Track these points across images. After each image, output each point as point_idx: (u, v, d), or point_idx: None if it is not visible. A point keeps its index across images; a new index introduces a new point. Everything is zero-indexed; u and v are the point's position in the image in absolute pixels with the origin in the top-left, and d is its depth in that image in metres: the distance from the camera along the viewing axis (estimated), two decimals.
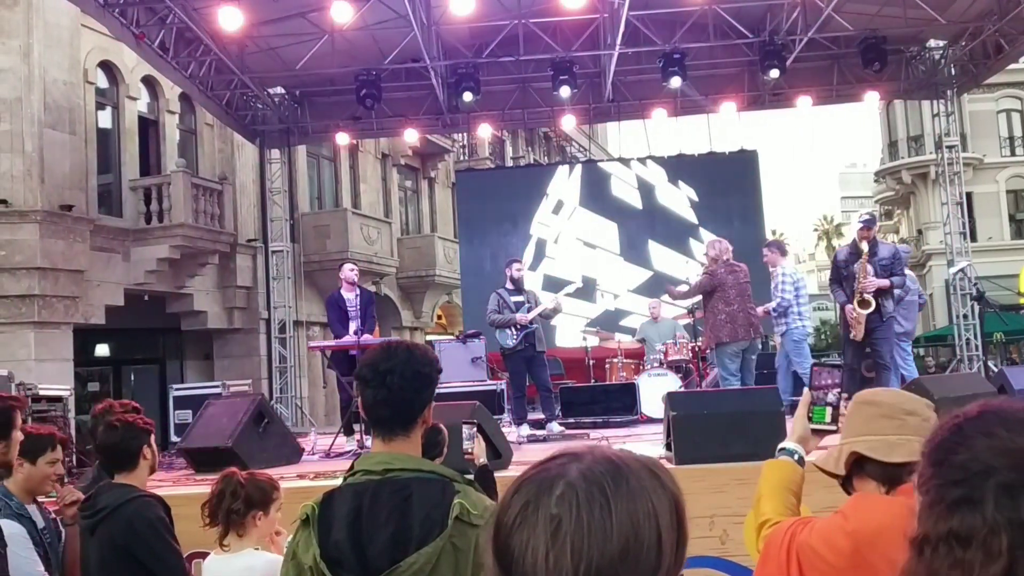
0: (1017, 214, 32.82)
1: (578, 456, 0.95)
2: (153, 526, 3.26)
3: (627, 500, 0.91)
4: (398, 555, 1.85)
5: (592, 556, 0.87)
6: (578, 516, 0.89)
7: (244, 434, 6.50)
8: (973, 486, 0.97)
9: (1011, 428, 1.00)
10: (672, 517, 0.94)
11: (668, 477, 0.97)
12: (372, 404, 2.02)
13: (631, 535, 0.89)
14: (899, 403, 1.86)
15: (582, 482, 0.91)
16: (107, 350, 17.10)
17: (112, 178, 15.24)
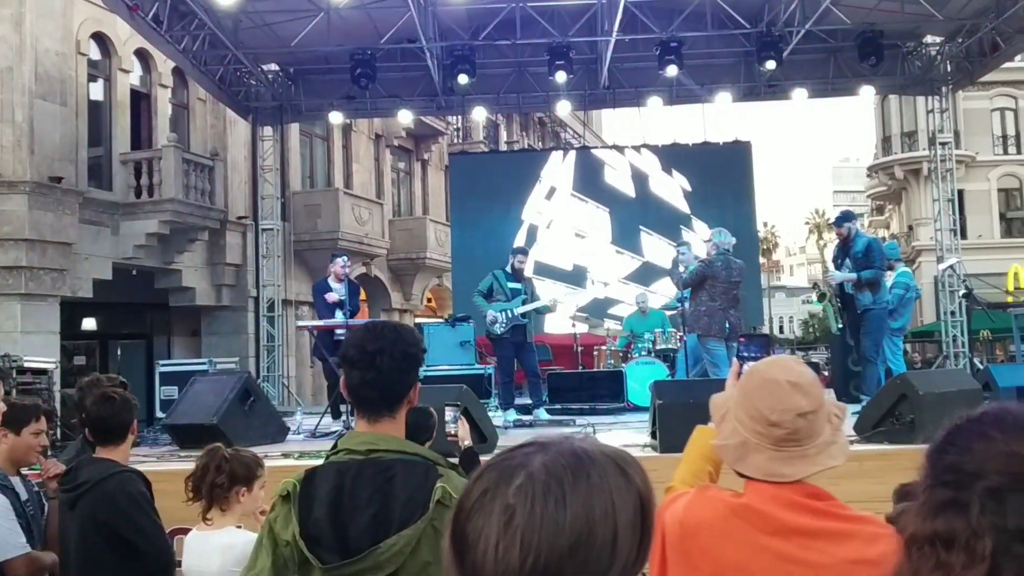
0: (1008, 213, 32.95)
1: (545, 447, 0.94)
2: (135, 500, 3.25)
3: (584, 495, 0.89)
4: (379, 536, 1.83)
5: (541, 549, 0.86)
6: (531, 508, 0.88)
7: (229, 412, 6.50)
8: (961, 488, 0.96)
9: (1007, 431, 0.98)
10: (636, 515, 0.92)
11: (638, 473, 0.95)
12: (359, 385, 1.99)
13: (584, 531, 0.88)
14: (776, 405, 1.70)
15: (543, 474, 0.90)
16: (94, 324, 17.01)
17: (102, 151, 15.14)
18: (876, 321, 8.39)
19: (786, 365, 1.78)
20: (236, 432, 6.46)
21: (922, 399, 5.48)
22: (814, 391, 1.72)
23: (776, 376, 1.73)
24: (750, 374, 1.80)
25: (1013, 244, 31.44)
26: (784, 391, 1.70)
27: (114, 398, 3.40)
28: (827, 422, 1.74)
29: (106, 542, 3.23)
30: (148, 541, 3.25)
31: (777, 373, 1.74)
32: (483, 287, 9.14)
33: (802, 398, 1.69)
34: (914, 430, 5.41)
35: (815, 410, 1.71)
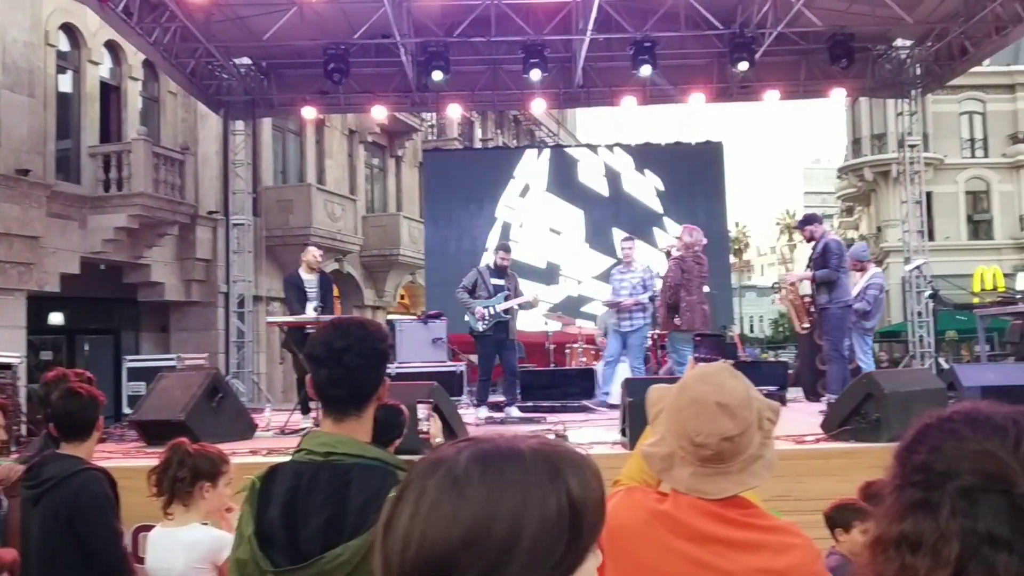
0: (975, 215, 33.43)
1: (479, 442, 0.93)
2: (98, 501, 3.21)
3: (489, 491, 0.87)
4: (330, 542, 1.79)
5: (437, 540, 0.86)
6: (435, 500, 0.88)
7: (197, 408, 6.44)
8: (932, 488, 0.93)
9: (979, 430, 0.95)
10: (560, 518, 0.88)
11: (577, 475, 0.92)
12: (326, 383, 1.94)
13: (482, 527, 0.86)
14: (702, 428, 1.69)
15: (459, 467, 0.89)
16: (61, 319, 16.81)
17: (71, 144, 14.95)
18: (832, 320, 8.49)
19: (717, 383, 1.75)
20: (203, 429, 6.41)
21: (887, 398, 5.54)
22: (742, 413, 1.72)
23: (706, 396, 1.72)
24: (681, 389, 1.79)
25: (979, 246, 31.92)
26: (710, 413, 1.70)
27: (80, 394, 3.36)
28: (758, 430, 1.74)
29: (68, 540, 3.19)
30: (103, 546, 3.21)
31: (707, 392, 1.73)
32: (467, 283, 9.21)
33: (728, 421, 1.69)
34: (879, 428, 5.47)
35: (742, 432, 1.71)
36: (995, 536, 0.88)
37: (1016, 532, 0.88)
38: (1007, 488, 0.90)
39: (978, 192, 33.50)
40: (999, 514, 0.89)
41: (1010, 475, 0.90)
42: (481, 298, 8.99)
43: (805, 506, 5.10)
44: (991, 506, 0.89)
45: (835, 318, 8.46)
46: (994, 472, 0.91)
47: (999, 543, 0.88)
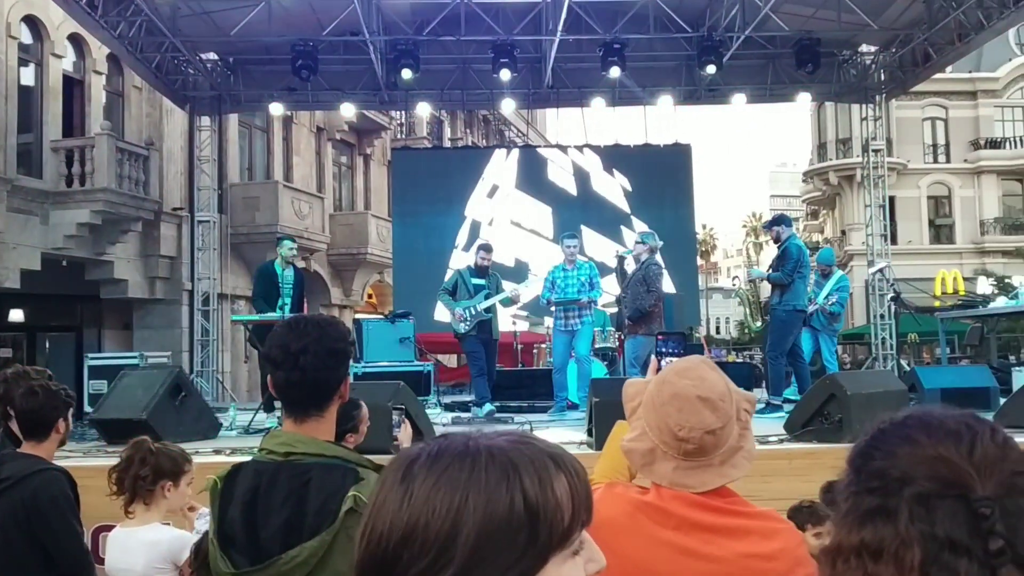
0: (937, 219, 33.99)
1: (446, 439, 0.93)
2: (56, 503, 3.15)
3: (432, 486, 0.86)
4: (291, 542, 1.77)
5: (380, 534, 0.86)
6: (385, 495, 0.88)
7: (160, 407, 6.37)
8: (888, 495, 0.92)
9: (933, 435, 0.94)
10: (514, 518, 0.86)
11: (535, 478, 0.88)
12: (284, 386, 1.91)
13: (420, 523, 0.85)
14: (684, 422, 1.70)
15: (414, 464, 0.89)
16: (21, 316, 16.54)
17: (32, 138, 14.71)
18: (776, 322, 8.64)
19: (698, 376, 1.76)
20: (166, 428, 6.34)
21: (850, 399, 5.61)
22: (723, 406, 1.73)
23: (687, 390, 1.73)
24: (661, 384, 1.79)
25: (941, 250, 32.47)
26: (693, 408, 1.71)
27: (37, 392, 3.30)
28: (736, 421, 1.76)
29: (27, 541, 3.14)
30: (60, 548, 3.15)
31: (687, 387, 1.73)
32: (448, 284, 9.28)
33: (711, 414, 1.70)
34: (842, 429, 5.54)
35: (723, 425, 1.72)
36: (954, 541, 0.87)
37: (974, 537, 0.87)
38: (963, 493, 0.89)
39: (940, 197, 34.08)
40: (956, 519, 0.88)
41: (965, 480, 0.90)
42: (463, 299, 9.03)
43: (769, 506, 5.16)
44: (948, 511, 0.89)
45: (779, 320, 8.59)
46: (949, 478, 0.91)
47: (958, 548, 0.87)
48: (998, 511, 0.88)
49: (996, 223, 33.26)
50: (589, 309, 9.36)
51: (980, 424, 0.96)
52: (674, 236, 16.41)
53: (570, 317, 9.31)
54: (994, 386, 8.08)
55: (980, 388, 7.95)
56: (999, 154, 33.47)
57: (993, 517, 0.87)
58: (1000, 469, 0.91)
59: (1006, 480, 0.90)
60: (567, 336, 9.35)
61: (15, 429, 3.52)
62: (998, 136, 33.72)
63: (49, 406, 3.30)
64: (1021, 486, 0.90)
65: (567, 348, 9.40)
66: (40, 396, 3.28)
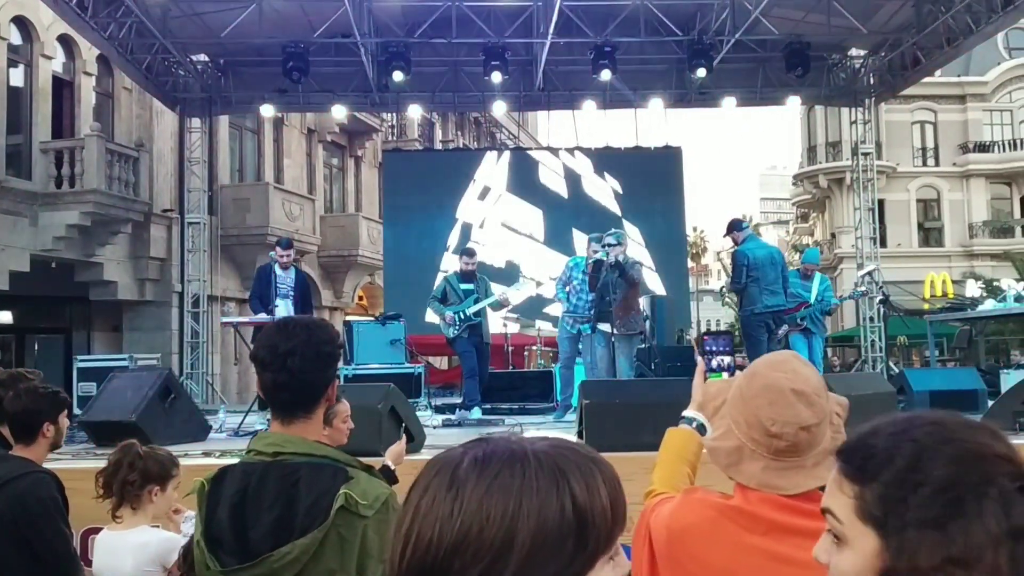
0: (926, 222, 34.15)
1: (487, 442, 0.92)
2: (44, 505, 3.14)
3: (484, 492, 0.86)
4: (281, 541, 1.77)
5: (430, 540, 0.86)
6: (433, 500, 0.87)
7: (149, 409, 6.34)
8: (963, 501, 0.89)
9: (980, 434, 0.95)
10: (563, 522, 0.86)
11: (583, 480, 0.89)
12: (272, 387, 1.92)
13: (473, 528, 0.85)
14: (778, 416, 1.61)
15: (460, 468, 0.89)
16: (10, 317, 16.46)
17: (22, 139, 14.66)
18: (742, 329, 8.76)
19: (791, 369, 1.64)
20: (156, 430, 6.32)
21: None
22: (818, 401, 1.61)
23: (780, 383, 1.61)
24: (751, 376, 1.68)
25: (930, 253, 32.62)
26: (787, 401, 1.59)
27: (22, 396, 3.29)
28: (828, 425, 1.65)
29: (14, 544, 3.13)
30: (49, 550, 3.14)
31: (781, 379, 1.62)
32: (437, 292, 9.36)
33: (806, 409, 1.59)
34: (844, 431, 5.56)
35: (819, 421, 1.60)
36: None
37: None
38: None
39: (929, 200, 34.23)
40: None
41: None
42: (453, 306, 9.07)
43: None
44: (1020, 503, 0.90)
45: (743, 326, 8.74)
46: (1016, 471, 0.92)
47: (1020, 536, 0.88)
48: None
49: (985, 226, 33.44)
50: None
51: (987, 423, 0.99)
52: (665, 238, 16.47)
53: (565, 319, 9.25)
54: (982, 388, 8.11)
55: (968, 390, 7.99)
56: (988, 157, 33.64)
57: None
58: None
59: None
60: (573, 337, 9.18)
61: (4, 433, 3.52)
62: (987, 140, 33.89)
63: (35, 409, 3.29)
64: None
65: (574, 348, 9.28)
66: (25, 400, 3.27)
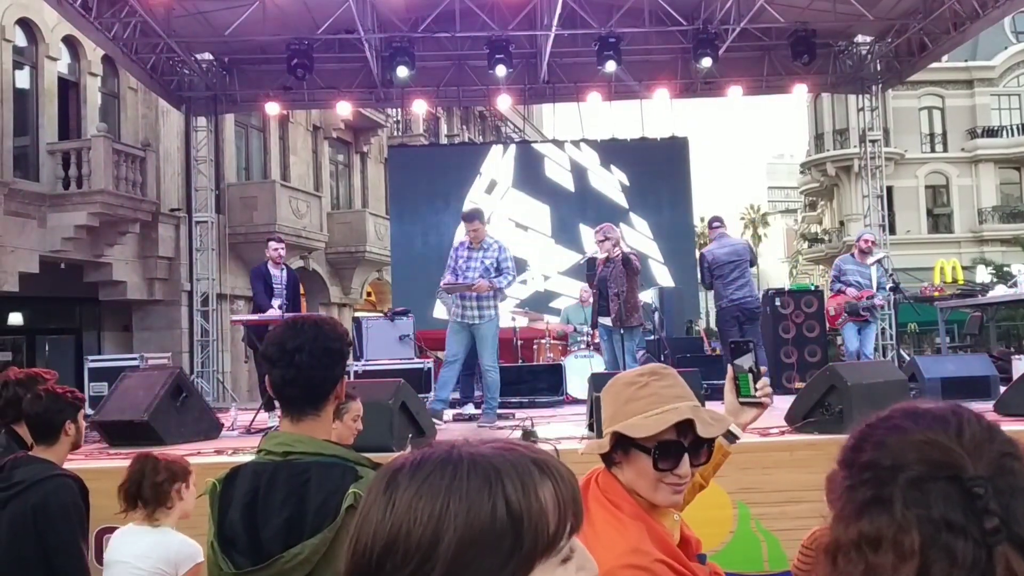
0: (935, 209, 33.99)
1: (432, 446, 0.93)
2: (65, 511, 3.15)
3: (413, 494, 0.87)
4: (292, 541, 1.78)
5: (366, 543, 0.87)
6: (371, 504, 0.89)
7: (161, 408, 6.35)
8: (882, 484, 0.92)
9: (920, 421, 0.96)
10: (495, 526, 0.85)
11: (517, 484, 0.88)
12: (280, 384, 1.93)
13: (402, 530, 0.85)
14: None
15: (399, 472, 0.90)
16: (20, 319, 16.53)
17: (29, 141, 14.69)
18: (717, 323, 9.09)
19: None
20: (167, 429, 6.34)
21: (850, 390, 5.60)
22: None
23: None
24: None
25: (939, 240, 32.48)
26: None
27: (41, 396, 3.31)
28: None
29: (36, 545, 3.14)
30: (60, 559, 3.15)
31: None
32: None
33: None
34: (843, 420, 5.53)
35: None
36: (950, 522, 0.88)
37: (969, 517, 0.88)
38: (956, 474, 0.90)
39: (938, 186, 34.07)
40: (951, 500, 0.89)
41: (957, 461, 0.91)
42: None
43: (772, 497, 5.16)
44: (942, 494, 0.90)
45: (716, 320, 8.98)
46: (941, 460, 0.92)
47: (955, 529, 0.88)
48: (991, 490, 0.89)
49: (994, 211, 33.27)
50: (494, 299, 7.93)
51: (964, 410, 0.98)
52: (672, 229, 16.42)
53: (466, 307, 7.83)
54: (994, 375, 8.07)
55: (980, 377, 7.95)
56: (996, 142, 33.46)
57: (987, 496, 0.88)
58: (989, 450, 0.92)
59: (996, 460, 0.92)
60: (466, 328, 7.93)
61: (21, 432, 3.54)
62: (995, 125, 33.71)
63: (54, 409, 3.30)
64: (1010, 466, 0.91)
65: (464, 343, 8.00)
66: (44, 400, 3.29)
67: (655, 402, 1.78)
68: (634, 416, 1.77)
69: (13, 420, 3.60)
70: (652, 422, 1.74)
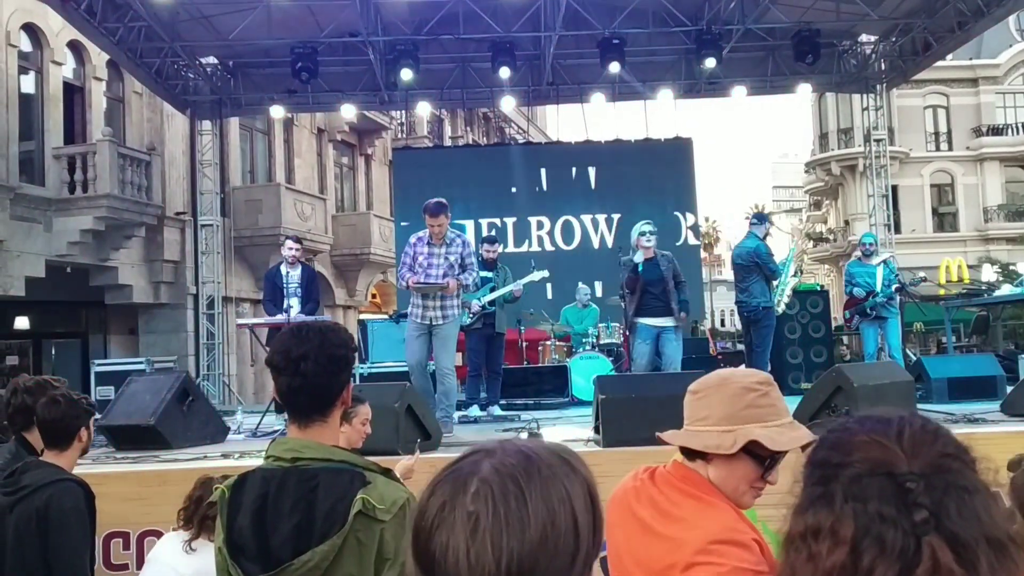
0: (940, 208, 33.90)
1: (490, 452, 0.97)
2: (65, 516, 3.16)
3: (541, 488, 0.93)
4: (301, 547, 1.79)
5: (512, 547, 0.89)
6: (495, 510, 0.90)
7: (167, 412, 6.36)
8: (828, 480, 1.01)
9: (866, 424, 1.05)
10: (586, 500, 0.96)
11: (579, 461, 1.00)
12: (287, 392, 1.94)
13: (548, 522, 0.91)
14: None
15: (495, 476, 0.93)
16: (27, 323, 16.57)
17: (34, 145, 14.73)
18: None
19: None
20: (174, 433, 6.35)
21: (857, 391, 5.60)
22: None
23: None
24: None
25: (945, 238, 32.38)
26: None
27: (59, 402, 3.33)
28: None
29: (40, 548, 3.15)
30: (61, 562, 3.16)
31: None
32: None
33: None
34: None
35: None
36: (883, 515, 0.96)
37: (901, 510, 0.96)
38: (891, 471, 0.98)
39: (943, 185, 33.98)
40: (885, 495, 0.97)
41: (893, 459, 0.99)
42: (471, 293, 8.84)
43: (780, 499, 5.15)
44: (877, 488, 0.98)
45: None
46: (879, 458, 1.00)
47: (887, 520, 0.96)
48: (923, 486, 0.96)
49: (1000, 210, 33.17)
50: (458, 300, 7.42)
51: (912, 416, 1.06)
52: (676, 230, 16.39)
53: (428, 307, 7.27)
54: (1001, 374, 8.05)
55: (987, 376, 7.93)
56: (1001, 141, 33.36)
57: (917, 491, 0.96)
58: (928, 451, 1.00)
59: (934, 460, 0.99)
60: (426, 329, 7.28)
61: (30, 439, 3.55)
62: (1000, 123, 33.61)
63: (71, 415, 3.33)
64: (948, 466, 0.99)
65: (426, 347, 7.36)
66: (63, 405, 3.31)
67: (773, 413, 1.81)
68: (753, 423, 1.78)
69: (22, 427, 3.62)
70: (787, 439, 1.78)
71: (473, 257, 7.46)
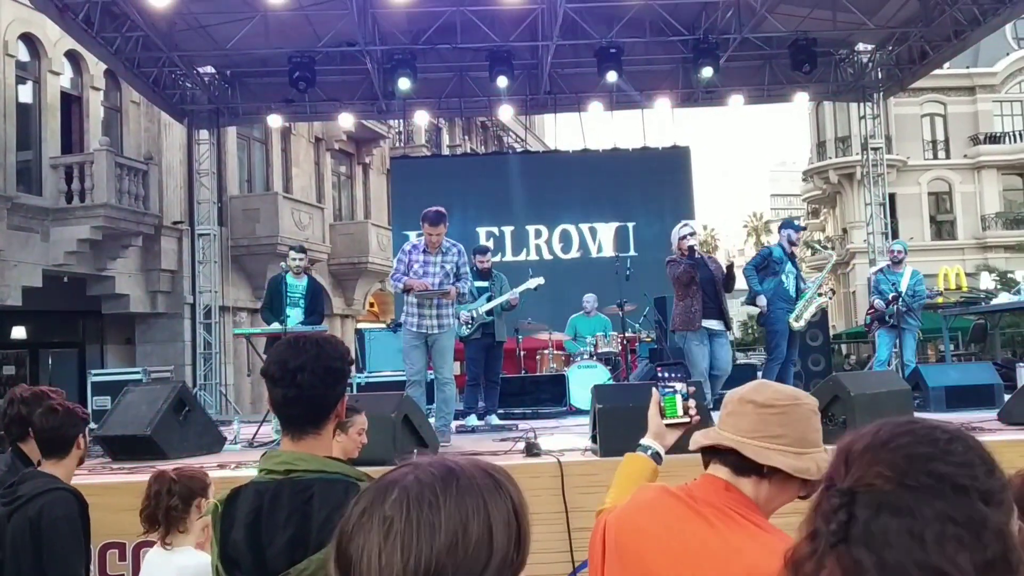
0: (938, 216, 33.95)
1: (417, 464, 1.00)
2: (56, 525, 3.15)
3: (456, 497, 0.94)
4: (297, 558, 1.78)
5: (421, 550, 0.91)
6: (407, 515, 0.93)
7: (163, 422, 6.34)
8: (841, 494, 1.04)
9: (843, 437, 1.09)
10: (509, 516, 0.97)
11: (507, 479, 1.01)
12: (282, 403, 1.93)
13: (459, 529, 0.92)
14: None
15: (415, 485, 0.96)
16: (24, 333, 16.54)
17: (32, 155, 14.73)
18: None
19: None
20: (171, 443, 6.33)
21: (853, 400, 5.59)
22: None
23: None
24: None
25: (943, 246, 32.42)
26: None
27: (57, 411, 3.33)
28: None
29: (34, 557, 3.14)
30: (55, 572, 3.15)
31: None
32: None
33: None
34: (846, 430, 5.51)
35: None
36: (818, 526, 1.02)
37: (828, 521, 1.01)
38: (831, 484, 1.04)
39: (940, 193, 34.04)
40: (824, 506, 1.03)
41: (832, 472, 1.06)
42: (467, 303, 8.82)
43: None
44: (825, 500, 1.03)
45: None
46: (830, 472, 1.06)
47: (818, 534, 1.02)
48: (847, 500, 0.99)
49: (997, 218, 33.23)
50: (453, 308, 7.37)
51: (871, 426, 1.09)
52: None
53: (424, 315, 7.14)
54: (998, 383, 8.02)
55: (984, 385, 7.91)
56: (999, 149, 33.44)
57: (836, 504, 1.00)
58: (866, 465, 1.02)
59: (869, 477, 1.01)
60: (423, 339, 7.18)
61: (26, 450, 3.54)
62: (997, 131, 33.70)
63: (69, 423, 3.33)
64: (881, 485, 1.00)
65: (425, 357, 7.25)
66: (60, 414, 3.31)
67: (820, 438, 1.83)
68: (814, 448, 1.79)
69: (18, 438, 3.61)
70: None
71: (467, 267, 7.46)
